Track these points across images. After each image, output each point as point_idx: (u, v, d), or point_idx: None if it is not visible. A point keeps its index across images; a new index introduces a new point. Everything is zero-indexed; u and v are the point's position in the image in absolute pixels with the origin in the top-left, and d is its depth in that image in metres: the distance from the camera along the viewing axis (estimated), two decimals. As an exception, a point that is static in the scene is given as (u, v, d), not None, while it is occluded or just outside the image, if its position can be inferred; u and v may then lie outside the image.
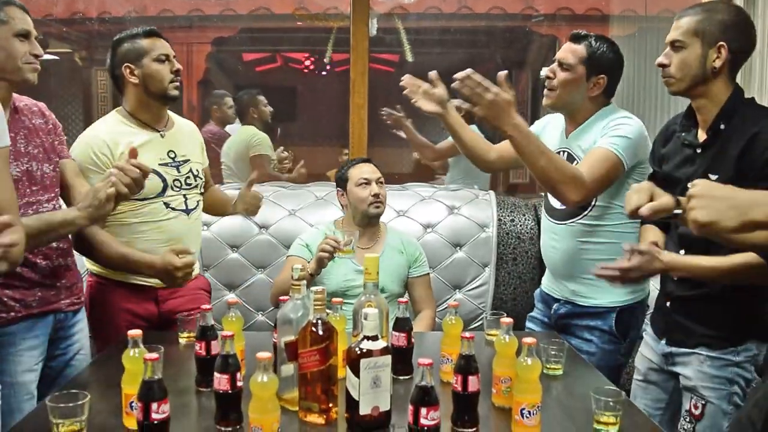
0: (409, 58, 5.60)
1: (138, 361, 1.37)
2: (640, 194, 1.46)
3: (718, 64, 1.67)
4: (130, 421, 1.37)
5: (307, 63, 7.08)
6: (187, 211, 2.15)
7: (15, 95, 1.80)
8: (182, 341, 1.93)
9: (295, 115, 7.88)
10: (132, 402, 1.37)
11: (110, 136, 2.05)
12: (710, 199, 1.14)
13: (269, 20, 5.05)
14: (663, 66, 1.73)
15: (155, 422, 1.24)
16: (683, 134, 1.79)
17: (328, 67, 6.75)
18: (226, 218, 2.69)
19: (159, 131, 2.13)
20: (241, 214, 2.45)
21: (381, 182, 2.46)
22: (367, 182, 2.42)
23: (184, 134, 2.23)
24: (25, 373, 1.76)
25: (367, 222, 2.45)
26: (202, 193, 2.24)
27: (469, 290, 2.81)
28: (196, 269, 2.24)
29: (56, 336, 1.87)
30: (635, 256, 1.65)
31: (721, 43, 1.66)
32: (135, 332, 1.39)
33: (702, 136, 1.75)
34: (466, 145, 2.20)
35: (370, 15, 3.26)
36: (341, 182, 2.50)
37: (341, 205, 2.54)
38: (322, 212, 2.86)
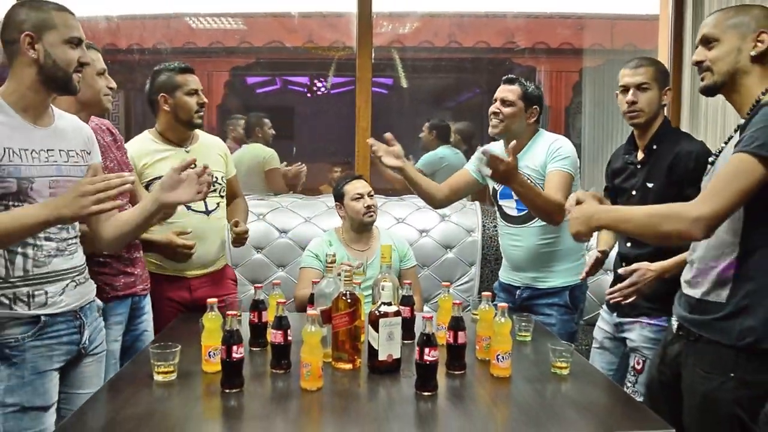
0: (404, 84, 6.16)
1: (215, 321, 1.83)
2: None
3: (666, 102, 2.26)
4: (208, 367, 1.83)
5: (306, 86, 7.57)
6: (207, 212, 2.56)
7: None
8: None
9: (293, 134, 8.38)
10: (210, 351, 1.84)
11: (137, 151, 2.50)
12: (573, 219, 1.78)
13: (281, 52, 5.60)
14: (633, 103, 2.23)
15: (234, 360, 1.71)
16: (627, 156, 2.33)
17: (323, 91, 7.25)
18: (252, 224, 3.13)
19: (183, 147, 2.56)
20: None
21: (372, 195, 2.89)
22: (361, 196, 2.86)
23: (207, 147, 2.64)
24: (113, 342, 2.18)
25: (363, 229, 2.90)
26: (223, 196, 2.63)
27: (458, 286, 3.29)
28: (223, 261, 2.69)
29: (132, 315, 2.31)
30: (631, 276, 2.10)
31: (668, 87, 2.25)
32: (212, 300, 1.86)
33: (641, 155, 2.28)
34: (421, 189, 2.69)
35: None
36: (338, 197, 2.93)
37: (340, 216, 2.98)
38: (332, 220, 3.33)
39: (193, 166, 1.88)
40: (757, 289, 1.59)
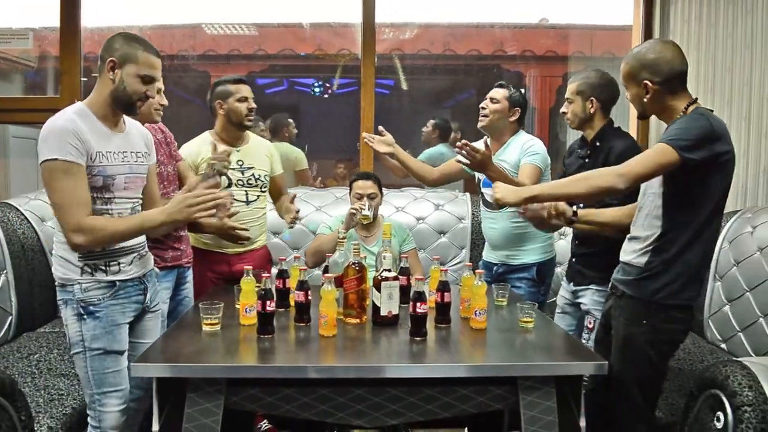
0: (404, 86, 6.65)
1: (250, 284, 2.29)
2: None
3: (591, 110, 2.68)
4: (245, 320, 2.29)
5: (311, 87, 8.01)
6: (247, 202, 3.03)
7: None
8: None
9: (300, 132, 8.81)
10: (247, 308, 2.30)
11: (198, 147, 3.00)
12: (502, 187, 2.17)
13: (293, 58, 6.11)
14: (564, 113, 2.75)
15: (268, 312, 2.17)
16: (579, 150, 2.79)
17: (329, 91, 7.71)
18: (271, 212, 3.46)
19: (235, 147, 3.03)
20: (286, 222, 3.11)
21: (372, 196, 3.18)
22: (360, 197, 3.20)
23: (255, 149, 3.12)
24: (162, 304, 2.61)
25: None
26: (264, 191, 3.09)
27: (451, 266, 3.74)
28: (262, 243, 3.14)
29: (177, 283, 2.78)
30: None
31: (592, 97, 2.67)
32: (248, 267, 2.32)
33: (587, 150, 2.73)
34: (413, 170, 3.26)
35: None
36: (350, 188, 3.32)
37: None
38: (340, 208, 3.78)
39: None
40: (668, 258, 2.05)
